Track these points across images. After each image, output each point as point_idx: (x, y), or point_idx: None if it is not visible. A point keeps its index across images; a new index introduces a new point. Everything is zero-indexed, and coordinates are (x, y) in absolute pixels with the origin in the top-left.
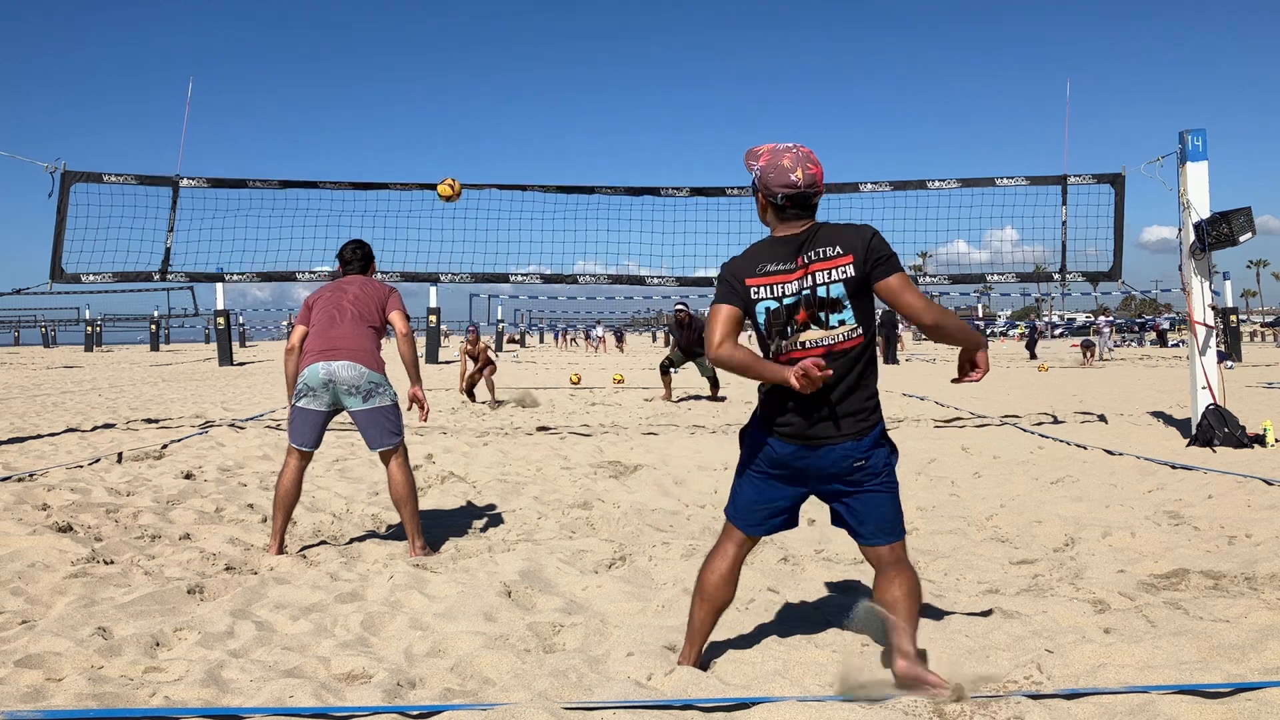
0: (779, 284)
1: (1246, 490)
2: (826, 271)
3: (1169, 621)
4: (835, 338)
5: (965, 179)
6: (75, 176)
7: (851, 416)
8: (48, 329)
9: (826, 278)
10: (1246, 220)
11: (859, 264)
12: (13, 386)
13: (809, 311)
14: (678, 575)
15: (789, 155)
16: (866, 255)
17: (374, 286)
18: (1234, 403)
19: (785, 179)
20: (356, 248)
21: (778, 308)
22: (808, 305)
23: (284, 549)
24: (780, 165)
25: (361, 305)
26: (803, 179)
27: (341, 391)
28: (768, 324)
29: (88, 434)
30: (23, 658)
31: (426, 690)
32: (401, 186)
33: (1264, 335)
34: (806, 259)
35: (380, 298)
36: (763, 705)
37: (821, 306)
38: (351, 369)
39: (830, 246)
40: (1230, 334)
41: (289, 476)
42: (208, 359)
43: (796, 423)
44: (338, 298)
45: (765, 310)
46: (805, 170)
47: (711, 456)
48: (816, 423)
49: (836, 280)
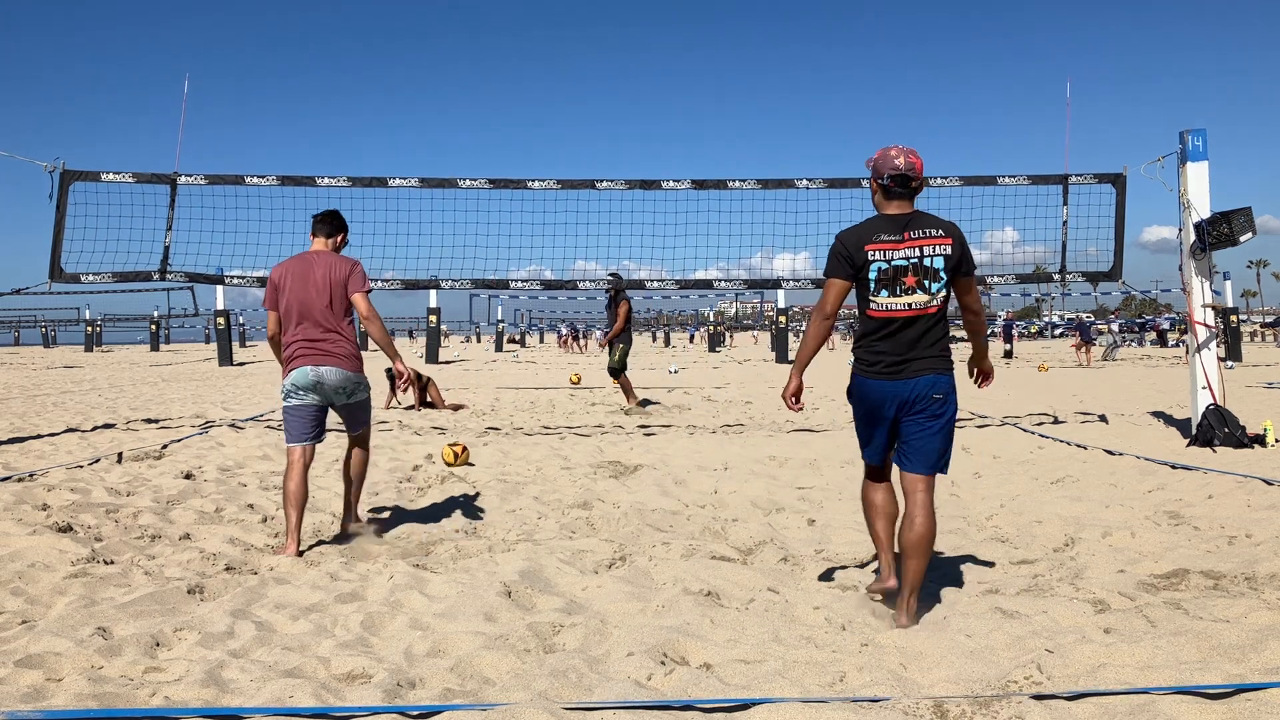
0: (889, 250)
1: (1246, 490)
2: (932, 246)
3: (1169, 621)
4: (929, 302)
5: (967, 177)
6: (74, 176)
7: (927, 359)
8: (48, 329)
9: (931, 251)
10: (1247, 220)
11: (956, 249)
12: (13, 386)
13: (916, 277)
14: (678, 575)
15: (896, 148)
16: (963, 248)
17: (338, 264)
18: (1234, 403)
19: (890, 163)
20: (328, 214)
21: (886, 268)
22: (915, 271)
23: (301, 549)
24: (889, 154)
25: (329, 291)
26: (903, 164)
27: (328, 392)
28: (877, 280)
29: (88, 434)
30: (23, 658)
31: (426, 690)
32: (400, 183)
33: (1264, 335)
34: (912, 235)
35: (342, 276)
36: (763, 705)
37: (925, 274)
38: (338, 374)
39: (934, 229)
40: (1230, 334)
41: (295, 477)
42: (208, 359)
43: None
44: (304, 283)
45: (877, 269)
46: (906, 157)
47: (711, 456)
48: (905, 362)
49: (939, 254)
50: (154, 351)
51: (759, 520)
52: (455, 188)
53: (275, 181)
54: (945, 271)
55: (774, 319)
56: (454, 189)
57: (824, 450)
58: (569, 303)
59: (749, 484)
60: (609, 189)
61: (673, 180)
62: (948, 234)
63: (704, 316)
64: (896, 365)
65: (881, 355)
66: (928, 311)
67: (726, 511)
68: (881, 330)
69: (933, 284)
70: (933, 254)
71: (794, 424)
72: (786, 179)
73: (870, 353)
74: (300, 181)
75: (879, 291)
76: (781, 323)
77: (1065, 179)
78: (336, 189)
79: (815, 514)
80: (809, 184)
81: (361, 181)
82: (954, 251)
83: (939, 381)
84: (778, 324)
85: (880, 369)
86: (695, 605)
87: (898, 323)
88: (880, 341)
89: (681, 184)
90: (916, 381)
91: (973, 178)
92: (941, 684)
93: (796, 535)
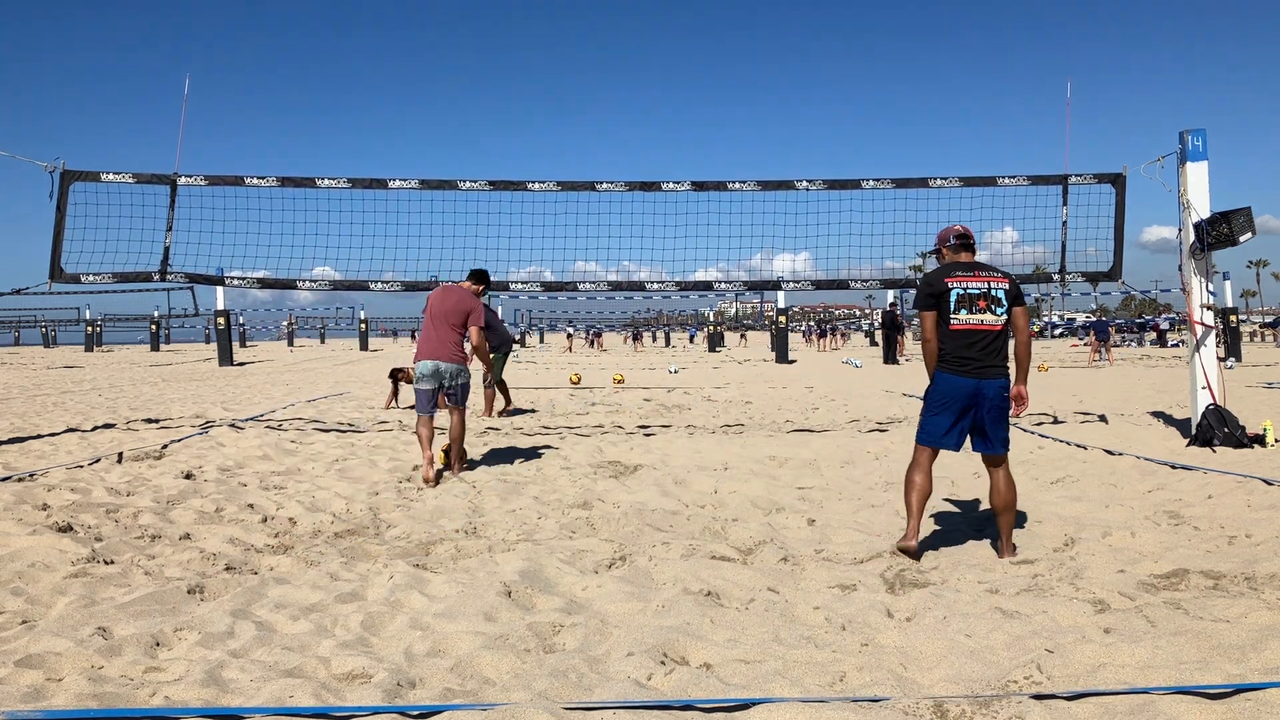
0: (965, 282)
1: (1246, 490)
2: (996, 282)
3: (1169, 621)
4: (996, 321)
5: (967, 177)
6: (74, 176)
7: (999, 366)
8: (48, 329)
9: (996, 285)
10: (1246, 220)
11: (1011, 286)
12: (13, 386)
13: (987, 302)
14: (678, 575)
15: (953, 225)
16: (1017, 287)
17: (468, 300)
18: (1234, 403)
19: (954, 230)
20: (478, 271)
21: (963, 293)
22: (985, 298)
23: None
24: (950, 228)
25: (452, 315)
26: (961, 230)
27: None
28: (957, 302)
29: (88, 434)
30: (23, 658)
31: (426, 690)
32: (400, 184)
33: (1264, 335)
34: (981, 273)
35: (464, 310)
36: (763, 705)
37: (992, 301)
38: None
39: (996, 271)
40: (1230, 334)
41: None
42: (208, 359)
43: (973, 366)
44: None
45: (956, 295)
46: (962, 227)
47: (711, 456)
48: (985, 367)
49: (1000, 287)
50: (154, 351)
51: (759, 520)
52: (455, 189)
53: (275, 182)
54: (1004, 300)
55: (774, 319)
56: (454, 190)
57: (824, 450)
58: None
59: (749, 484)
60: (609, 190)
61: (673, 182)
62: (1004, 276)
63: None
64: (981, 368)
65: (969, 363)
66: (995, 329)
67: (726, 511)
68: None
69: (997, 309)
70: (997, 287)
71: (794, 424)
72: (786, 180)
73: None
74: (300, 183)
75: (958, 311)
76: (781, 323)
77: (1065, 179)
78: (337, 190)
79: (815, 514)
80: (809, 185)
81: (362, 183)
82: (1010, 288)
83: (1007, 383)
84: (777, 324)
85: (969, 370)
86: (695, 605)
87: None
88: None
89: (681, 185)
90: (995, 382)
91: (972, 178)
92: (941, 684)
93: (796, 535)
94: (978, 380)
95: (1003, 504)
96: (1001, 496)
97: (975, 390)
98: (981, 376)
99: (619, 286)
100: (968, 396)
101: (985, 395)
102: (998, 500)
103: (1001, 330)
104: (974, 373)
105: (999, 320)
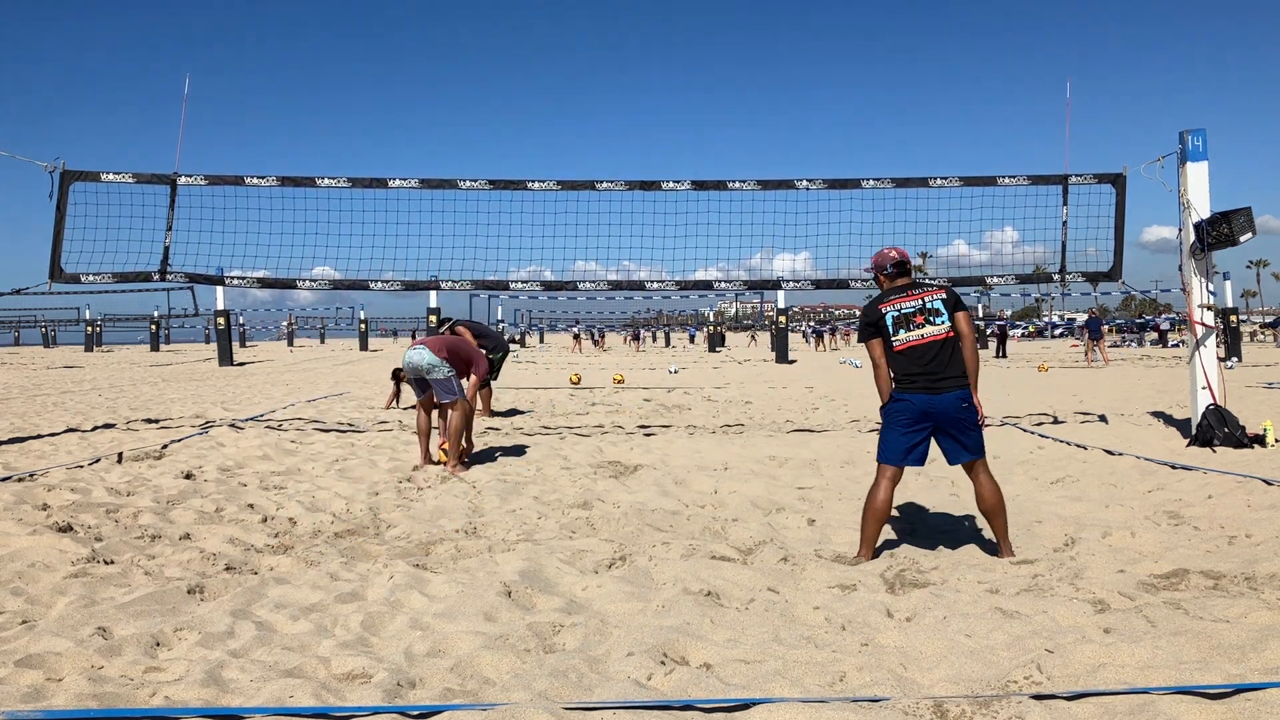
0: (898, 304)
1: (1246, 490)
2: (931, 295)
3: (1169, 621)
4: (939, 331)
5: (967, 177)
6: (74, 176)
7: (953, 378)
8: (48, 329)
9: (931, 298)
10: (1246, 220)
11: (949, 295)
12: (13, 386)
13: (924, 316)
14: (678, 575)
15: (889, 248)
16: (955, 295)
17: (474, 351)
18: (1234, 403)
19: (889, 257)
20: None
21: (898, 315)
22: (921, 312)
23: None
24: (886, 255)
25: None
26: (897, 255)
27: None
28: (894, 324)
29: (88, 434)
30: (23, 658)
31: (426, 690)
32: (400, 183)
33: (1264, 335)
34: (915, 291)
35: (468, 360)
36: (763, 705)
37: (929, 313)
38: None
39: (932, 285)
40: (1230, 334)
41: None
42: (208, 359)
43: (922, 382)
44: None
45: (891, 318)
46: (897, 251)
47: (711, 456)
48: (936, 380)
49: (937, 298)
50: (154, 351)
51: (759, 520)
52: (455, 189)
53: (275, 182)
54: (943, 309)
55: (774, 319)
56: (454, 190)
57: (824, 450)
58: (569, 303)
59: (749, 484)
60: (609, 190)
61: (673, 181)
62: (939, 288)
63: (704, 317)
64: (932, 383)
65: (917, 379)
66: (940, 338)
67: (726, 511)
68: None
69: (937, 319)
70: (932, 300)
71: (794, 424)
72: (786, 180)
73: (909, 379)
74: (300, 182)
75: (898, 331)
76: (781, 323)
77: (1065, 179)
78: (337, 189)
79: (815, 514)
80: (809, 185)
81: (362, 182)
82: (948, 295)
83: (963, 394)
84: (777, 324)
85: (920, 386)
86: (695, 605)
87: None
88: (913, 372)
89: (682, 185)
90: (949, 395)
91: (972, 178)
92: (941, 684)
93: (796, 535)
94: (929, 396)
95: (989, 507)
96: (987, 501)
97: (927, 406)
98: (933, 391)
99: (619, 286)
100: (920, 414)
101: (940, 408)
102: (984, 505)
103: (949, 338)
104: (924, 388)
105: (941, 329)
